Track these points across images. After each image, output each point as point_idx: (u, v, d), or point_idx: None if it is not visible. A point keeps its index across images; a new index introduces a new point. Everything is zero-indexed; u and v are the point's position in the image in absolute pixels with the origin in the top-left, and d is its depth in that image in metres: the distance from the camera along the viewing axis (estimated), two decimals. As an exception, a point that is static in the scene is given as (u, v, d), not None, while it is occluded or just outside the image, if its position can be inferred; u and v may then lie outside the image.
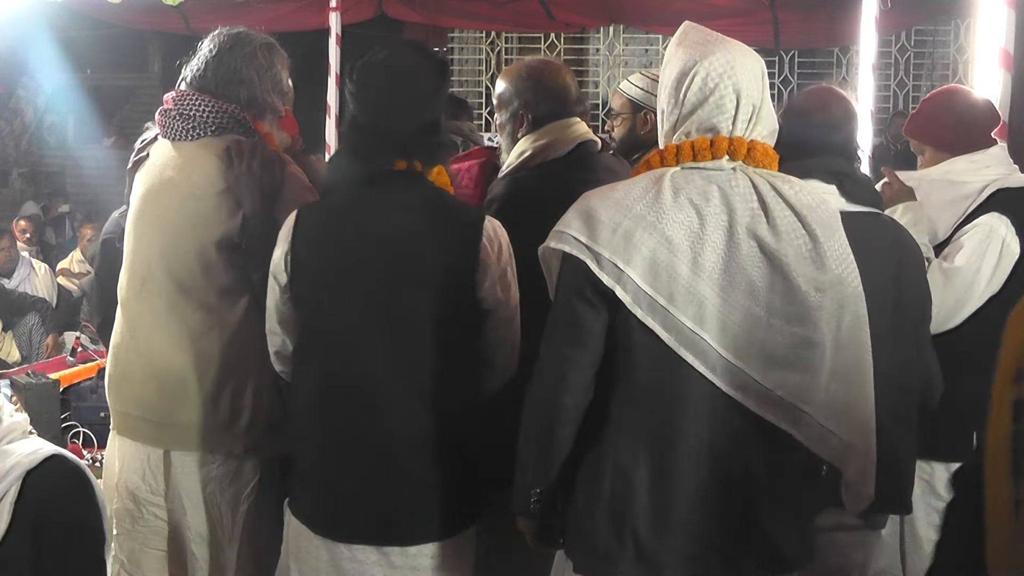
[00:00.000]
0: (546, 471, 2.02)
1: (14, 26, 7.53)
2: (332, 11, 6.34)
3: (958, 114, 3.03)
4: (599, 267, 1.91)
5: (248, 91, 2.62)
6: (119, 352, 2.70)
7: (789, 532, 1.99)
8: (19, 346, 6.37)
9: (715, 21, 7.62)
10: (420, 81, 2.24)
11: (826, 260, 1.93)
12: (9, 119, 11.44)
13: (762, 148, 1.98)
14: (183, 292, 2.56)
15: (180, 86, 2.68)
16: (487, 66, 9.66)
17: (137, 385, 2.64)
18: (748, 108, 1.96)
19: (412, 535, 2.23)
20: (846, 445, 1.97)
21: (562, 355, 1.97)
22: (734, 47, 2.00)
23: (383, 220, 2.23)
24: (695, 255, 1.90)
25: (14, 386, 4.92)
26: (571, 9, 7.65)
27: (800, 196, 1.96)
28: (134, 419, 2.66)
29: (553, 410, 1.98)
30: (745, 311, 1.90)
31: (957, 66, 8.76)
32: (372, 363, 2.21)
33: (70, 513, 2.05)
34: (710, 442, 1.93)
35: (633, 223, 1.91)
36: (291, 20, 7.27)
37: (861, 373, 1.97)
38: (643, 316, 1.90)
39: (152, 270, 2.61)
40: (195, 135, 2.61)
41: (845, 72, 9.07)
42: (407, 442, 2.21)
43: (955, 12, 8.09)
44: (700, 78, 1.96)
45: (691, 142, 1.97)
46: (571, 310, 1.96)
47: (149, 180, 2.67)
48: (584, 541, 2.01)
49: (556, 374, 1.97)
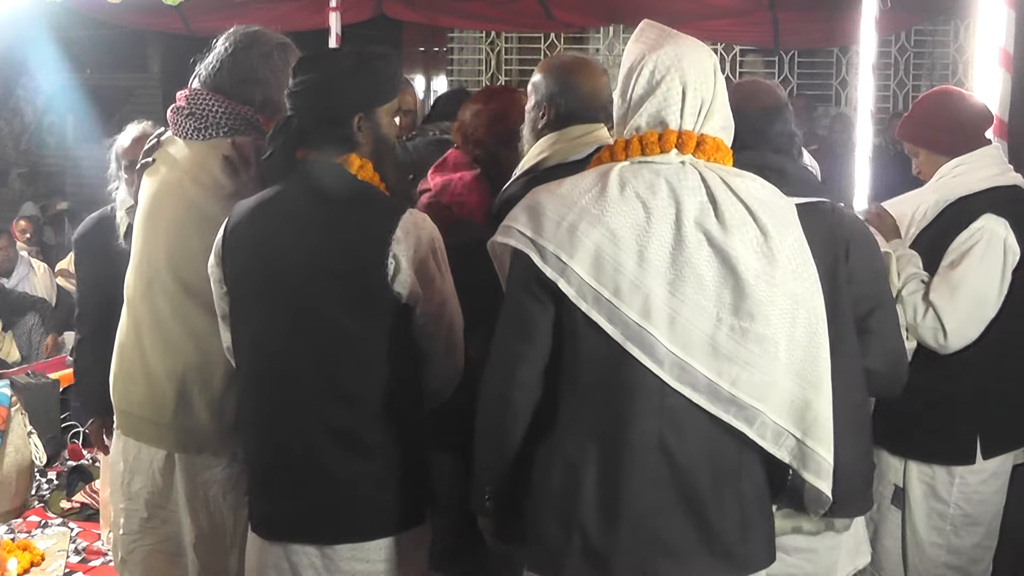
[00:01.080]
0: (497, 467, 2.03)
1: (13, 26, 7.53)
2: (332, 11, 6.34)
3: (950, 116, 3.02)
4: (543, 260, 1.91)
5: (263, 92, 2.60)
6: (124, 351, 2.69)
7: (744, 532, 1.97)
8: (19, 346, 6.37)
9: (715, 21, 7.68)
10: (328, 75, 2.26)
11: (778, 255, 1.91)
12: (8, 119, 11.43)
13: (713, 142, 1.97)
14: (189, 294, 2.55)
15: (193, 84, 2.65)
16: (487, 66, 9.65)
17: (141, 386, 2.63)
18: (696, 101, 1.95)
19: (336, 535, 2.24)
20: (803, 445, 1.95)
21: (511, 351, 1.98)
22: (685, 42, 1.99)
23: (292, 213, 2.26)
24: (641, 248, 1.89)
25: (14, 386, 4.93)
26: (571, 9, 7.64)
27: (752, 190, 1.95)
28: (138, 420, 2.65)
29: (503, 406, 1.99)
30: (694, 305, 1.89)
31: (957, 66, 8.76)
32: (292, 359, 2.23)
33: None
34: (659, 437, 1.91)
35: (578, 216, 1.91)
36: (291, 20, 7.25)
37: (818, 370, 1.96)
38: (588, 310, 1.90)
39: (158, 270, 2.60)
40: (207, 135, 2.59)
41: (845, 72, 9.07)
42: (328, 439, 2.21)
43: (955, 12, 8.08)
44: (647, 71, 1.96)
45: (639, 136, 1.97)
46: (519, 306, 1.97)
47: (159, 180, 2.65)
48: (533, 537, 2.01)
49: (505, 370, 1.98)
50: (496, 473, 2.05)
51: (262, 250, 2.27)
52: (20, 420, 4.85)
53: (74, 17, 7.91)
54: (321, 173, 2.27)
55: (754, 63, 9.56)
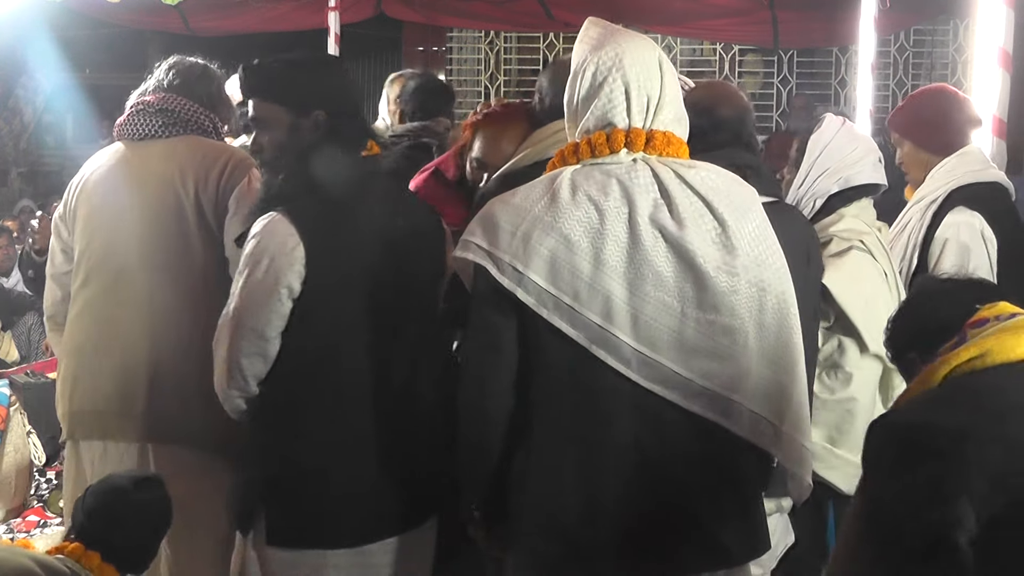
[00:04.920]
0: (480, 476, 2.04)
1: (13, 25, 7.52)
2: (331, 11, 6.34)
3: (940, 115, 3.07)
4: (500, 272, 1.91)
5: (207, 92, 2.83)
6: (84, 350, 2.72)
7: (728, 524, 1.96)
8: (18, 346, 6.36)
9: (714, 21, 7.69)
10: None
11: (737, 244, 1.91)
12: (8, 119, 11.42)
13: (663, 136, 1.96)
14: (162, 284, 2.65)
15: (145, 98, 2.83)
16: (486, 66, 9.64)
17: (108, 380, 2.66)
18: (641, 99, 1.95)
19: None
20: (779, 431, 1.95)
21: (479, 361, 1.99)
22: (626, 39, 1.99)
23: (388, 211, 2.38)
24: (596, 251, 1.89)
25: (13, 386, 4.92)
26: (570, 9, 7.64)
27: (707, 180, 1.95)
28: (106, 416, 2.67)
29: (476, 416, 2.00)
30: (656, 302, 1.89)
31: (956, 66, 8.76)
32: (405, 355, 2.27)
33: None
34: (635, 436, 1.92)
35: (531, 225, 1.91)
36: (290, 20, 7.27)
37: (791, 355, 1.96)
38: (549, 316, 1.90)
39: (128, 264, 2.67)
40: (174, 132, 2.74)
41: (844, 72, 9.07)
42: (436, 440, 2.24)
43: (954, 12, 8.08)
44: (589, 73, 1.97)
45: (588, 138, 1.97)
46: (483, 318, 1.97)
47: (115, 180, 2.76)
48: (518, 543, 2.01)
49: (476, 381, 1.99)
50: (481, 484, 2.05)
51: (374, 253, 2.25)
52: (19, 420, 4.84)
53: (74, 17, 7.91)
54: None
55: (754, 63, 9.55)
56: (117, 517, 2.23)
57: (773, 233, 1.97)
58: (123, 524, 2.23)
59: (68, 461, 2.79)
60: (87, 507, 2.24)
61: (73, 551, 2.18)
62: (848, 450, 2.60)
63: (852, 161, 2.72)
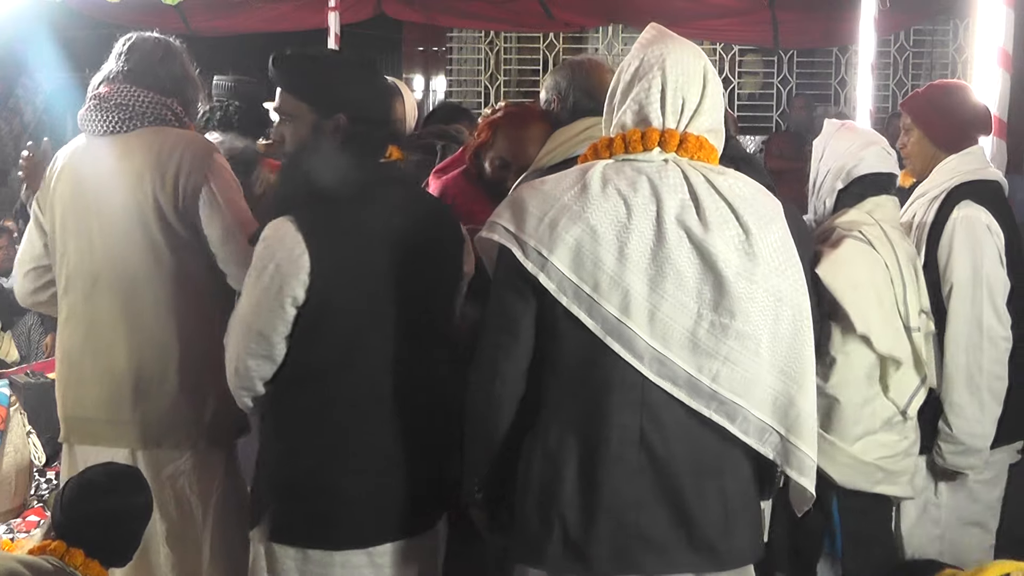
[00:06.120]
0: (485, 459, 2.07)
1: (13, 25, 7.53)
2: (331, 11, 6.34)
3: (956, 109, 3.06)
4: (524, 255, 1.94)
5: (170, 75, 2.73)
6: (72, 356, 2.70)
7: (726, 527, 1.97)
8: (18, 346, 6.36)
9: (714, 21, 7.68)
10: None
11: (759, 252, 1.93)
12: (8, 119, 11.42)
13: (696, 140, 1.99)
14: (138, 286, 2.60)
15: (100, 88, 2.73)
16: (486, 66, 9.64)
17: (95, 386, 2.65)
18: (676, 100, 1.97)
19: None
20: (786, 442, 1.96)
21: (495, 346, 2.01)
22: (674, 43, 2.02)
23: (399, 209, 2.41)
24: (621, 245, 1.92)
25: (13, 386, 4.92)
26: (570, 8, 7.65)
27: (735, 188, 1.97)
28: (94, 423, 2.66)
29: (487, 399, 2.02)
30: (674, 301, 1.91)
31: (956, 66, 8.76)
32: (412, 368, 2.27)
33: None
34: (640, 431, 1.93)
35: (559, 212, 1.94)
36: (290, 20, 7.27)
37: (802, 367, 1.97)
38: (568, 304, 1.92)
39: (103, 267, 2.63)
40: (131, 126, 2.65)
41: (844, 72, 9.07)
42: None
43: (954, 12, 8.08)
44: (633, 67, 2.01)
45: (623, 134, 2.00)
46: (502, 301, 2.00)
47: (83, 179, 2.69)
48: (516, 529, 2.03)
49: (489, 364, 2.02)
50: (484, 465, 2.08)
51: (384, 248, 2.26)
52: (19, 420, 4.84)
53: (74, 17, 7.91)
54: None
55: (754, 63, 9.55)
56: (94, 513, 2.24)
57: (794, 245, 1.99)
58: (100, 519, 2.24)
59: (64, 463, 2.80)
60: (64, 503, 2.25)
61: (56, 549, 2.19)
62: (837, 438, 2.63)
63: (851, 154, 2.75)
